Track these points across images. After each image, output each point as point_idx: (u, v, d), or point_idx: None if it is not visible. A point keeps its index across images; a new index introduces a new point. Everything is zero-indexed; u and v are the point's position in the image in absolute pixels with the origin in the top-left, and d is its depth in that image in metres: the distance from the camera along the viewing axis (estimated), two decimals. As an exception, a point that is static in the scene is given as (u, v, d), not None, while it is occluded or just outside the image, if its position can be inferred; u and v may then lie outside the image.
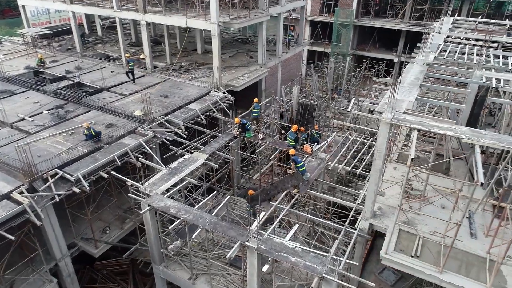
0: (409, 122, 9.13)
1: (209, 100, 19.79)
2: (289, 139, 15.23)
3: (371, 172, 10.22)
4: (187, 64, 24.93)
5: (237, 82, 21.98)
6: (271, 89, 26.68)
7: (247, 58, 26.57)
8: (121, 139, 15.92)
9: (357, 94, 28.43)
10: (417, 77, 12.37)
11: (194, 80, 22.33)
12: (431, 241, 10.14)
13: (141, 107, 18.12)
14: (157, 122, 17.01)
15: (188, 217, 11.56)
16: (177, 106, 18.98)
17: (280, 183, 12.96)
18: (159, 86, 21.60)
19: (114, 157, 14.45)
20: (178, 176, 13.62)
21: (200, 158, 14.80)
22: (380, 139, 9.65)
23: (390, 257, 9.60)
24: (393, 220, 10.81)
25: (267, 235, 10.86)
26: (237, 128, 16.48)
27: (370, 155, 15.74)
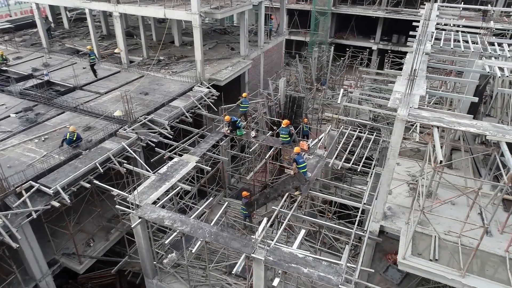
0: (426, 119, 8.48)
1: (193, 96, 18.61)
2: (283, 136, 14.40)
3: (384, 172, 9.57)
4: (166, 58, 23.49)
5: (220, 75, 20.85)
6: (254, 82, 25.71)
7: (228, 50, 25.39)
8: (101, 143, 14.58)
9: (341, 84, 27.97)
10: (421, 68, 11.77)
11: (174, 75, 21.01)
12: (447, 241, 9.64)
13: (120, 106, 16.74)
14: (139, 123, 15.72)
15: (185, 229, 10.56)
16: (160, 104, 17.70)
17: (280, 185, 12.14)
18: (137, 83, 20.15)
19: (96, 164, 13.15)
20: (169, 182, 12.53)
21: (190, 160, 13.73)
22: (394, 137, 8.98)
23: (408, 263, 9.04)
24: (404, 221, 10.28)
25: (274, 244, 10.05)
26: (227, 126, 15.47)
27: (368, 150, 15.20)
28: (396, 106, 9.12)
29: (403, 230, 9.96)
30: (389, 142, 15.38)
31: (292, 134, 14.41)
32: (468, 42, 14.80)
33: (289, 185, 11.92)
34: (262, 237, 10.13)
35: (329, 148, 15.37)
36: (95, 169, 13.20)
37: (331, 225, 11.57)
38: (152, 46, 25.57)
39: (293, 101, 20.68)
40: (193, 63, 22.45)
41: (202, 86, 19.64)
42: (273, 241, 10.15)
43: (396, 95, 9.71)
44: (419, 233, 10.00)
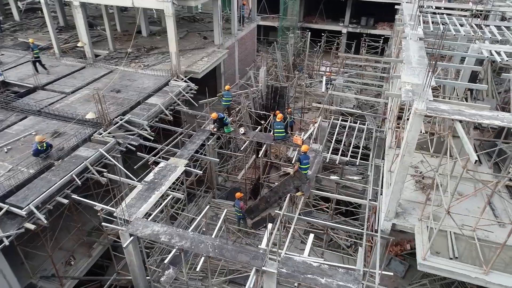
0: (447, 113, 7.92)
1: (170, 91, 17.25)
2: (277, 131, 13.57)
3: (398, 170, 9.00)
4: (135, 50, 21.73)
5: (197, 67, 19.54)
6: (230, 72, 24.54)
7: (200, 39, 23.94)
8: (75, 151, 13.07)
9: (318, 70, 27.41)
10: (421, 55, 11.26)
11: (147, 68, 19.45)
12: (462, 236, 9.32)
13: (91, 107, 15.18)
14: (115, 125, 14.26)
15: (185, 245, 9.56)
16: (135, 102, 16.23)
17: (280, 187, 11.35)
18: (106, 79, 18.42)
19: (72, 176, 11.72)
20: (159, 191, 11.39)
21: (178, 164, 12.60)
22: (411, 133, 8.38)
23: (430, 263, 8.61)
24: (417, 217, 9.85)
25: (285, 254, 9.30)
26: (213, 124, 14.39)
27: (363, 140, 14.71)
28: (410, 99, 8.50)
29: (417, 228, 9.53)
30: (383, 131, 15.04)
31: (286, 128, 13.62)
32: (455, 25, 14.51)
33: (290, 186, 11.16)
34: (270, 246, 9.37)
35: (322, 141, 14.76)
36: (71, 181, 11.78)
37: (341, 227, 10.99)
38: (117, 38, 23.61)
39: (276, 91, 19.82)
40: (166, 55, 20.96)
41: (179, 80, 18.30)
42: (282, 250, 9.39)
43: (407, 87, 9.10)
44: (433, 229, 9.58)
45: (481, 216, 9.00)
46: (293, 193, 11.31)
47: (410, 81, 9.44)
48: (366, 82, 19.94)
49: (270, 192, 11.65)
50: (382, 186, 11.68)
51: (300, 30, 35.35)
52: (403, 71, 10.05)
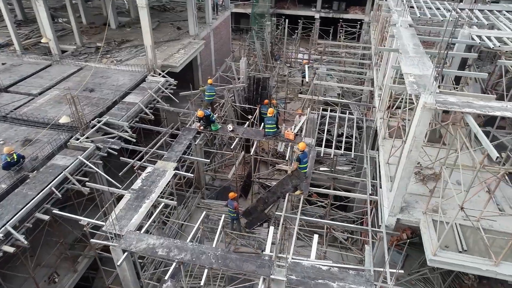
0: (457, 106, 7.63)
1: (149, 88, 16.24)
2: (269, 126, 13.02)
3: (405, 165, 8.70)
4: (105, 44, 20.29)
5: (174, 60, 18.53)
6: (206, 63, 23.60)
7: (174, 30, 22.79)
8: (50, 159, 11.99)
9: (296, 58, 26.90)
10: (415, 43, 10.94)
11: (120, 64, 18.23)
12: (468, 227, 9.23)
13: (64, 110, 14.01)
14: (93, 129, 13.20)
15: (185, 257, 8.93)
16: (111, 101, 15.14)
17: (278, 187, 10.86)
18: (77, 77, 17.10)
19: (51, 189, 10.71)
20: (149, 199, 10.62)
21: (167, 168, 11.82)
22: (420, 128, 8.06)
23: (441, 259, 8.44)
24: (421, 211, 9.66)
25: (292, 259, 8.88)
26: (199, 122, 13.63)
27: (351, 130, 14.43)
28: (417, 92, 8.16)
29: (423, 222, 9.34)
30: (374, 120, 14.79)
31: (278, 123, 13.11)
32: (439, 10, 14.34)
33: (288, 185, 10.70)
34: (275, 251, 8.93)
35: (313, 133, 14.36)
36: (51, 194, 10.77)
37: (345, 225, 10.67)
38: (83, 31, 22.02)
39: (258, 83, 19.17)
40: (139, 49, 19.79)
41: (157, 75, 17.26)
42: (289, 255, 8.96)
43: (410, 79, 8.75)
44: (437, 222, 9.45)
45: (485, 207, 8.89)
46: (292, 192, 10.87)
47: (411, 72, 9.10)
48: (347, 69, 19.64)
49: (268, 192, 11.15)
50: (380, 179, 11.46)
51: (273, 16, 34.57)
52: (402, 62, 9.69)
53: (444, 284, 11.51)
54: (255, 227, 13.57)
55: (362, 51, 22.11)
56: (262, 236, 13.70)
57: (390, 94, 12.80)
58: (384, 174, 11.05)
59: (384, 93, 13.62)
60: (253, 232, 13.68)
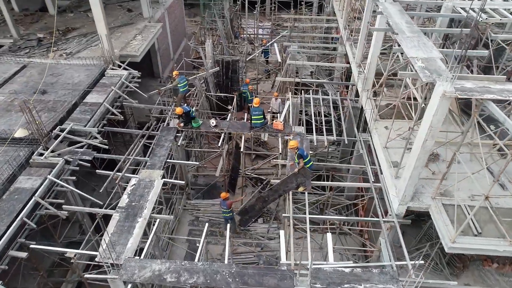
0: (476, 92, 7.30)
1: (110, 84, 14.50)
2: (255, 117, 12.17)
3: (418, 155, 8.38)
4: (47, 35, 17.79)
5: (133, 49, 16.73)
6: (164, 47, 21.74)
7: (124, 12, 20.54)
8: (13, 183, 10.30)
9: (256, 34, 25.72)
10: (407, 21, 10.44)
11: (71, 57, 16.06)
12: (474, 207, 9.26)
13: (15, 119, 12.12)
14: (57, 140, 11.49)
15: (198, 280, 8.12)
16: (71, 103, 13.32)
17: (281, 185, 10.18)
18: (22, 77, 14.82)
19: (24, 220, 9.19)
20: (142, 217, 9.50)
21: (153, 177, 10.64)
22: (437, 117, 7.68)
23: (459, 245, 8.40)
24: (430, 196, 9.54)
25: (312, 264, 8.40)
26: (179, 120, 12.41)
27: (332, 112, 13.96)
28: (432, 80, 7.71)
29: (434, 208, 9.23)
30: (356, 101, 14.42)
31: (264, 114, 12.28)
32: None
33: (292, 183, 10.07)
34: (292, 259, 8.40)
35: (296, 120, 13.74)
36: (23, 225, 9.26)
37: (356, 219, 10.36)
38: (18, 20, 19.10)
39: (227, 66, 17.96)
40: (89, 38, 17.61)
41: (117, 68, 15.45)
42: (308, 261, 8.46)
43: (419, 63, 8.28)
44: (447, 205, 9.40)
45: (490, 190, 8.89)
46: (295, 189, 10.28)
47: (417, 55, 8.63)
48: (319, 45, 19.00)
49: (269, 191, 10.46)
50: (379, 164, 11.21)
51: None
52: (402, 44, 9.17)
53: (444, 258, 11.79)
54: (250, 224, 12.96)
55: (327, 24, 21.46)
56: (258, 232, 13.17)
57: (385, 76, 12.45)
58: (384, 159, 10.79)
59: (369, 72, 13.18)
60: (249, 230, 13.08)
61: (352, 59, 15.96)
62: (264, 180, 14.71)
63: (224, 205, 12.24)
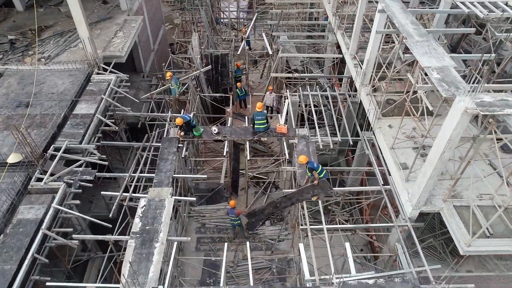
0: (497, 107, 7.35)
1: (99, 90, 13.72)
2: (258, 122, 11.92)
3: (435, 165, 8.49)
4: (19, 36, 16.43)
5: (117, 48, 15.80)
6: (143, 39, 20.65)
7: (100, 4, 19.18)
8: (14, 214, 9.76)
9: (238, 18, 24.82)
10: (412, 21, 10.26)
11: (50, 62, 14.98)
12: (485, 206, 9.62)
13: (1, 139, 11.38)
14: (54, 161, 10.87)
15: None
16: (60, 117, 12.54)
17: (296, 194, 10.15)
18: (0, 89, 13.74)
19: (35, 256, 8.79)
20: (159, 241, 9.28)
21: (163, 196, 10.34)
22: (456, 131, 7.73)
23: (474, 248, 8.75)
24: (441, 198, 9.80)
25: (335, 278, 8.56)
26: (180, 130, 11.98)
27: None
28: (451, 94, 7.70)
29: (446, 211, 9.50)
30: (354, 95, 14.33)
31: (267, 118, 12.05)
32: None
33: (309, 193, 10.06)
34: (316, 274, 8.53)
35: (296, 120, 13.59)
36: (34, 261, 8.87)
37: (372, 226, 10.55)
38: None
39: (216, 61, 17.34)
40: (66, 37, 16.48)
41: (105, 73, 14.57)
42: (331, 276, 8.61)
43: (435, 75, 8.22)
44: (459, 207, 9.70)
45: (497, 190, 9.21)
46: (309, 199, 10.28)
47: (431, 64, 8.55)
48: (308, 34, 18.52)
49: (283, 198, 10.40)
50: (386, 165, 11.33)
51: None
52: (413, 51, 9.04)
53: (448, 248, 12.32)
54: (257, 228, 13.01)
55: (312, 9, 20.88)
56: (267, 235, 13.25)
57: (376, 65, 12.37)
58: (392, 161, 10.90)
59: (368, 66, 13.04)
60: (257, 233, 13.13)
61: (345, 50, 15.73)
62: (266, 179, 14.65)
63: (232, 214, 12.16)
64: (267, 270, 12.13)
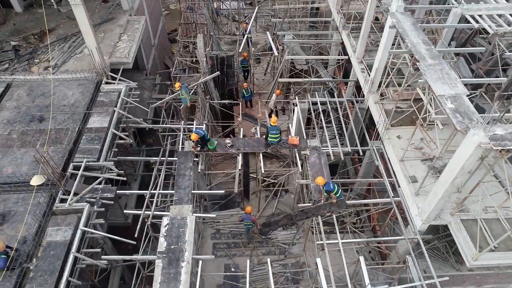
0: (509, 141, 7.76)
1: (109, 101, 13.80)
2: (272, 136, 12.28)
3: (447, 189, 8.98)
4: (22, 41, 16.19)
5: (123, 53, 15.77)
6: (145, 36, 20.40)
7: (99, 3, 18.78)
8: (42, 236, 10.15)
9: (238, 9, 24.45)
10: (424, 40, 10.43)
11: (57, 71, 14.90)
12: (490, 219, 10.23)
13: (19, 157, 11.61)
14: (76, 181, 11.15)
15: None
16: (75, 132, 12.70)
17: (313, 209, 10.66)
18: (11, 101, 13.76)
19: (69, 279, 9.26)
20: (185, 260, 9.78)
21: (184, 214, 10.77)
22: (469, 161, 8.18)
23: (481, 263, 9.43)
24: (449, 212, 10.37)
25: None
26: (195, 145, 12.27)
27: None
28: (465, 127, 8.08)
29: (454, 225, 10.10)
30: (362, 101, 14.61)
31: (280, 131, 12.40)
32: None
33: (325, 210, 10.58)
34: None
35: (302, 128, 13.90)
36: (69, 284, 9.35)
37: (385, 239, 11.16)
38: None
39: (222, 62, 17.37)
40: (70, 42, 16.32)
41: (111, 81, 14.57)
42: None
43: (449, 105, 8.56)
44: (465, 221, 10.29)
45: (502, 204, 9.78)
46: (324, 214, 10.82)
47: (445, 93, 8.86)
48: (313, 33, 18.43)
49: (300, 212, 10.92)
50: (395, 176, 11.82)
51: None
52: (427, 76, 9.29)
53: (451, 249, 13.08)
54: (270, 233, 13.61)
55: (311, 5, 20.64)
56: (279, 239, 13.86)
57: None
58: (402, 174, 11.38)
59: (376, 76, 13.29)
60: (270, 238, 13.73)
61: (351, 53, 15.85)
62: (276, 183, 15.12)
63: (248, 219, 12.70)
64: (281, 275, 12.82)
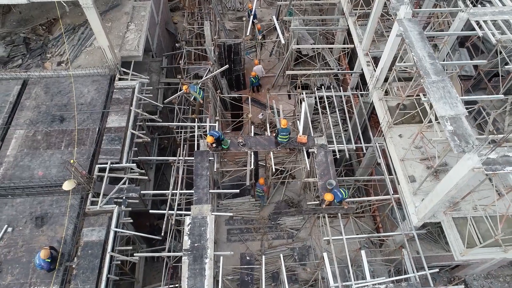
0: (499, 165, 8.67)
1: (124, 98, 14.37)
2: (282, 137, 13.10)
3: (442, 198, 10.05)
4: (31, 34, 16.27)
5: (132, 45, 15.96)
6: (149, 17, 20.22)
7: (103, -14, 18.44)
8: (79, 237, 11.36)
9: None
10: (429, 53, 10.89)
11: (71, 66, 15.24)
12: (479, 217, 11.42)
13: (47, 159, 12.51)
14: (104, 183, 12.14)
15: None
16: (96, 132, 13.45)
17: (324, 210, 11.84)
18: (30, 100, 14.30)
19: (108, 276, 10.62)
20: (208, 257, 11.09)
21: (204, 213, 11.92)
22: (462, 180, 9.15)
23: (468, 257, 10.77)
24: (441, 211, 11.54)
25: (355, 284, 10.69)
26: (211, 145, 13.11)
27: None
28: (462, 151, 8.94)
29: (446, 223, 11.32)
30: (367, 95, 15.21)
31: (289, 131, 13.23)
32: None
33: (334, 211, 11.76)
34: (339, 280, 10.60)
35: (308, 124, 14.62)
36: (108, 280, 10.73)
37: (385, 234, 12.42)
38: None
39: (229, 50, 17.63)
40: (79, 34, 16.40)
41: (124, 77, 14.99)
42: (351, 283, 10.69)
43: (449, 127, 9.34)
44: (457, 218, 11.50)
45: (495, 200, 10.87)
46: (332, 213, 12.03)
47: (445, 114, 9.56)
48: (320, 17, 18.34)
49: (311, 209, 12.08)
50: (395, 174, 12.85)
51: None
52: (430, 95, 9.93)
53: (443, 233, 14.47)
54: (279, 219, 14.94)
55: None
56: (288, 224, 15.22)
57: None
58: (402, 174, 12.40)
59: (381, 74, 13.81)
60: (279, 223, 15.08)
61: (357, 43, 16.13)
62: (284, 170, 16.19)
63: (260, 188, 14.52)
64: (290, 257, 14.35)
